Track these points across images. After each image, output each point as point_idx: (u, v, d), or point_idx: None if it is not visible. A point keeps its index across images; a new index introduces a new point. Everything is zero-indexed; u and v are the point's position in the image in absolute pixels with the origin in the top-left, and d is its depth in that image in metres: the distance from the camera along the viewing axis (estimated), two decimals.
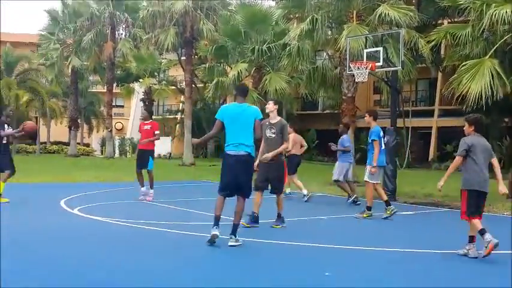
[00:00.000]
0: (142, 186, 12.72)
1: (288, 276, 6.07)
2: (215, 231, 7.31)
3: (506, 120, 26.71)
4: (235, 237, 7.43)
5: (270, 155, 8.92)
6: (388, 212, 10.51)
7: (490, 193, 7.16)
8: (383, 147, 10.79)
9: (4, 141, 11.60)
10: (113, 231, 8.83)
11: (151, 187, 12.71)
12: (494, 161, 7.28)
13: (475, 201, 7.09)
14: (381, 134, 10.68)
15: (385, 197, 10.74)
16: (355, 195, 12.96)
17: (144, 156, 12.63)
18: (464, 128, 7.35)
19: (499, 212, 12.04)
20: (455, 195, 14.64)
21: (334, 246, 7.82)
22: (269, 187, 9.43)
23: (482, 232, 6.92)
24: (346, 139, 13.20)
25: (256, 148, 8.08)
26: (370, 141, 10.64)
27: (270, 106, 9.41)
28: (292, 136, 13.20)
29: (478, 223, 7.00)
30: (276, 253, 7.37)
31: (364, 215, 10.59)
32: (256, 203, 9.15)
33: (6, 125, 11.72)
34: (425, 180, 20.07)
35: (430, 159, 32.48)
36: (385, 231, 9.60)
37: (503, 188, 7.12)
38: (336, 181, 13.16)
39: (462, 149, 7.12)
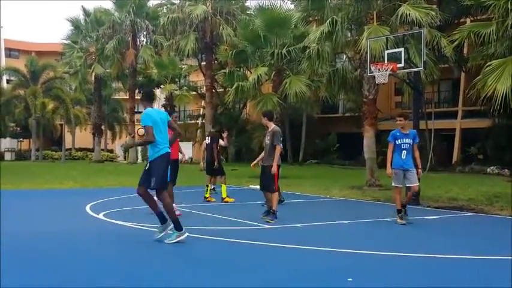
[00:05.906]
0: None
1: (309, 281, 5.95)
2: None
3: None
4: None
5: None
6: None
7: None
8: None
9: None
10: (137, 236, 8.86)
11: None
12: None
13: None
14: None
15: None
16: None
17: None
18: None
19: (491, 212, 12.13)
20: (480, 199, 14.44)
21: (356, 252, 7.67)
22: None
23: None
24: None
25: None
26: (411, 143, 10.38)
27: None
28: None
29: None
30: (298, 258, 7.25)
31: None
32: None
33: None
34: (449, 183, 19.76)
35: (453, 162, 31.95)
36: (408, 236, 9.39)
37: None
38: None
39: None
